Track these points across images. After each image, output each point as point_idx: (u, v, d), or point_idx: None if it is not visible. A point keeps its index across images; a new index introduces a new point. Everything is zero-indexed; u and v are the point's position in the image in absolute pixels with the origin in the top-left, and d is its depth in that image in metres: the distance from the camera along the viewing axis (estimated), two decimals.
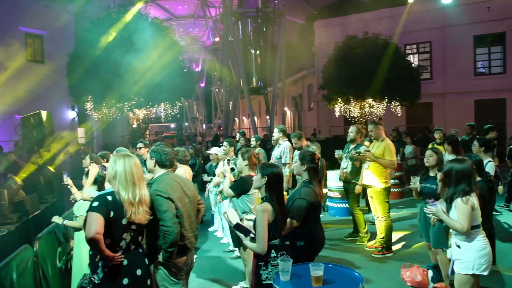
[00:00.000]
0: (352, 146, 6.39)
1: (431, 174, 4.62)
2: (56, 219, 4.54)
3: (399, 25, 20.14)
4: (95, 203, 2.61)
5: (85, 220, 2.63)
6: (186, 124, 41.85)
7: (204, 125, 42.84)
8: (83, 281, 2.71)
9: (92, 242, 2.51)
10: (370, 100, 16.51)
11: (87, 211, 2.60)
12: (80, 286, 2.66)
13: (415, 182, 4.53)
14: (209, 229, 7.66)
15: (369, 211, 8.01)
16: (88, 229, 2.53)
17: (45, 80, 15.66)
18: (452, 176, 3.36)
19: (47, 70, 16.54)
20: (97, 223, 2.53)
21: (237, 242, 4.57)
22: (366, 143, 6.92)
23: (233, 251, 6.13)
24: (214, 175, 6.96)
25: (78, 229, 4.53)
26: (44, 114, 9.47)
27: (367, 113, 17.11)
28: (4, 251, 5.20)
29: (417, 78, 17.19)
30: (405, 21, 20.27)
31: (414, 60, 21.73)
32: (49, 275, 4.23)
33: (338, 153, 6.61)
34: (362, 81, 15.61)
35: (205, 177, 7.36)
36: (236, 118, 29.13)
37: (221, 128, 27.65)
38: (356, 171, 6.28)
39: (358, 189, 6.26)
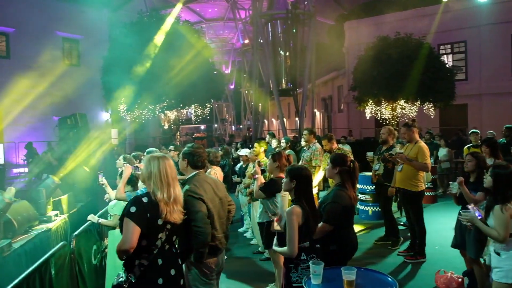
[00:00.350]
0: (384, 148, 6.28)
1: (471, 179, 4.36)
2: (92, 218, 4.67)
3: (432, 25, 19.64)
4: (133, 209, 2.59)
5: (120, 220, 2.66)
6: (216, 125, 42.16)
7: (233, 126, 43.07)
8: (119, 279, 2.72)
9: (124, 252, 2.54)
10: (402, 102, 16.18)
11: (125, 216, 2.59)
12: (117, 284, 2.68)
13: (454, 188, 4.30)
14: (239, 230, 7.69)
15: (401, 214, 7.88)
16: (125, 240, 2.53)
17: (81, 82, 16.20)
18: (496, 183, 3.24)
19: (83, 73, 17.10)
20: (133, 236, 2.53)
21: (267, 244, 4.57)
22: (398, 145, 6.77)
23: (262, 253, 6.14)
24: (243, 176, 7.00)
25: (112, 228, 4.65)
26: (80, 116, 9.79)
27: (399, 115, 16.77)
28: (42, 248, 5.41)
29: (451, 79, 16.73)
30: (438, 20, 19.75)
31: (448, 60, 21.15)
32: (84, 272, 4.35)
33: (369, 155, 6.51)
34: (394, 82, 15.32)
35: (235, 178, 7.41)
36: (265, 120, 29.16)
37: (251, 130, 27.73)
38: (389, 173, 6.15)
39: (390, 191, 6.14)
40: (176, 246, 3.00)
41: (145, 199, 2.68)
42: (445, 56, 21.21)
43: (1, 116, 15.35)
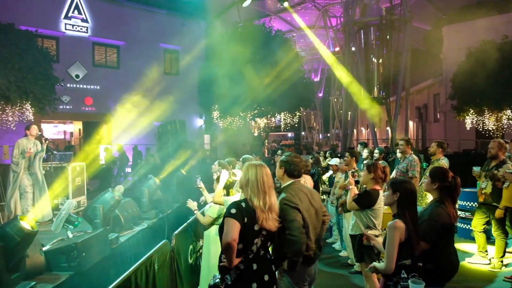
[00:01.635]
0: (493, 164, 5.75)
1: None
2: (191, 205, 4.92)
3: None
4: (233, 210, 2.76)
5: (221, 225, 2.80)
6: (303, 133, 42.11)
7: (320, 135, 42.66)
8: (215, 280, 2.84)
9: (227, 246, 2.66)
10: (508, 112, 14.79)
11: (225, 217, 2.75)
12: (213, 285, 2.80)
13: None
14: (327, 241, 7.59)
15: (507, 236, 7.18)
16: (226, 234, 2.68)
17: (179, 90, 17.31)
18: None
19: (181, 82, 18.26)
20: (234, 230, 2.68)
21: (359, 257, 4.47)
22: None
23: (352, 265, 6.00)
24: (332, 185, 6.92)
25: (207, 228, 4.88)
26: (179, 122, 10.43)
27: (505, 126, 15.34)
28: (143, 243, 5.87)
29: None
30: None
31: None
32: (182, 270, 4.63)
33: (476, 170, 6.00)
34: (500, 90, 14.09)
35: (325, 188, 7.35)
36: (354, 129, 28.44)
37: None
38: (498, 193, 5.59)
39: (499, 213, 5.58)
40: (271, 252, 3.07)
41: (243, 204, 2.82)
42: None
43: (111, 121, 16.99)
